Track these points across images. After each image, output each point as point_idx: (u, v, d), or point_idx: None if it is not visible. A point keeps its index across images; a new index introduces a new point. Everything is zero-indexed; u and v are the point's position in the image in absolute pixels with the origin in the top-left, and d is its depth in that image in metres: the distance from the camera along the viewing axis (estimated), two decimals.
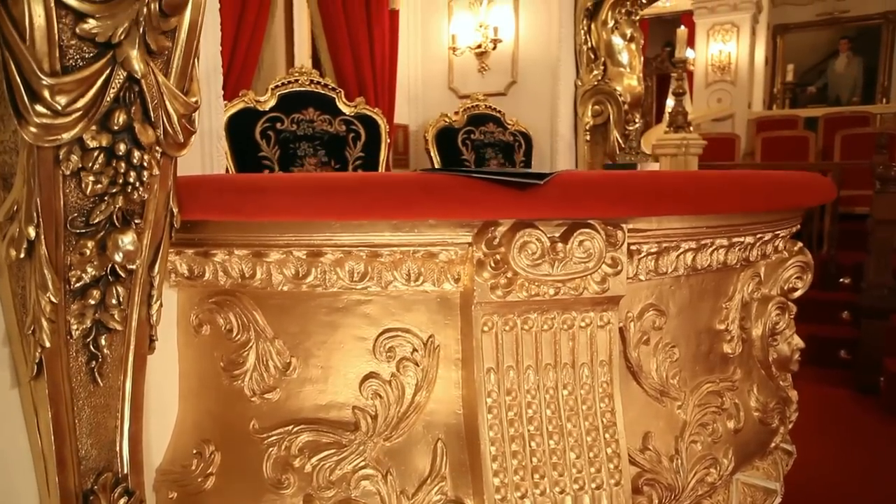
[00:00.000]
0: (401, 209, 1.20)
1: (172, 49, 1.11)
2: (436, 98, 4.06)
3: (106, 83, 1.01)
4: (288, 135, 2.41)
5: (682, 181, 1.30)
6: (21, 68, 0.93)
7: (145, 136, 1.07)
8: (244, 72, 2.69)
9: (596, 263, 1.28)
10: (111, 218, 1.10)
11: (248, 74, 2.71)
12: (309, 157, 2.44)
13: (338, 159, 2.49)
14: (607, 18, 3.60)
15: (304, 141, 2.43)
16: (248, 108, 2.38)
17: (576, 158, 3.83)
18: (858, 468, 3.31)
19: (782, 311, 1.83)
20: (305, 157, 2.43)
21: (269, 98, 2.44)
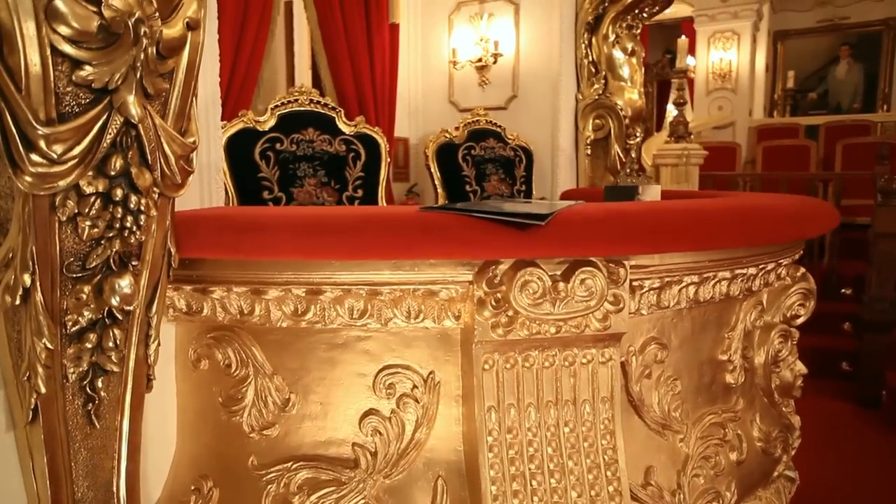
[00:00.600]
0: (401, 250, 1.19)
1: (170, 90, 1.10)
2: (436, 111, 4.04)
3: (102, 129, 1.00)
4: (287, 155, 2.40)
5: (684, 217, 1.29)
6: (16, 118, 0.92)
7: (142, 179, 1.06)
8: (244, 90, 2.68)
9: (598, 302, 1.27)
10: (108, 261, 1.09)
11: (247, 92, 2.70)
12: (309, 177, 2.42)
13: (338, 179, 2.48)
14: (608, 32, 3.59)
15: (304, 161, 2.42)
16: (247, 129, 2.37)
17: (577, 173, 3.82)
18: (860, 483, 3.29)
19: (785, 338, 1.81)
20: (305, 177, 2.42)
21: (269, 118, 2.43)
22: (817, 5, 10.16)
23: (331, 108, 2.54)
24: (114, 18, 0.95)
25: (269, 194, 2.36)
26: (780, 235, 1.47)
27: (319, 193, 2.44)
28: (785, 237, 1.51)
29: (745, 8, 7.64)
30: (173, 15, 1.06)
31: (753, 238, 1.39)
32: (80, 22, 0.94)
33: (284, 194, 2.38)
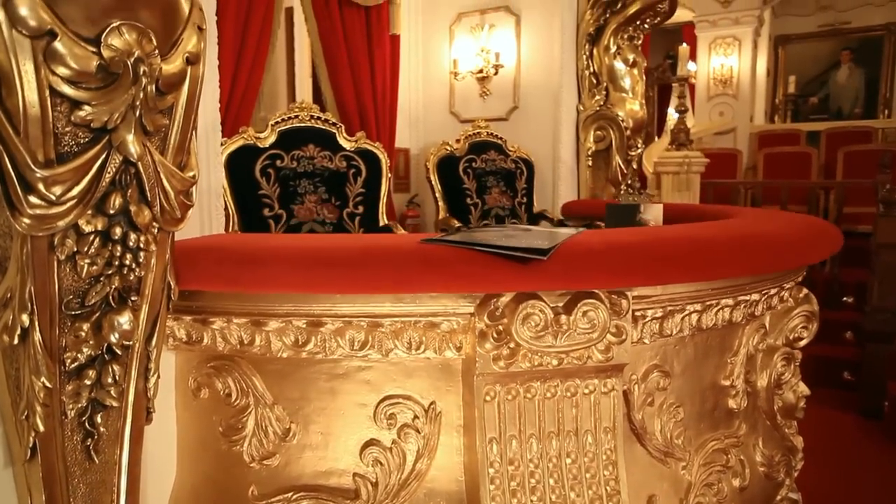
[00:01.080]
0: (402, 284, 1.18)
1: (169, 126, 1.09)
2: (437, 122, 4.04)
3: (102, 168, 0.99)
4: (288, 172, 2.39)
5: (686, 247, 1.28)
6: (14, 161, 0.91)
7: (141, 217, 1.05)
8: (244, 103, 2.67)
9: (600, 334, 1.26)
10: (107, 298, 1.08)
11: (248, 106, 2.69)
12: (309, 194, 2.42)
13: (338, 196, 2.47)
14: (609, 44, 3.58)
15: (305, 178, 2.41)
16: (247, 146, 2.36)
17: (578, 184, 3.81)
18: (861, 496, 3.28)
19: (788, 362, 1.81)
20: (305, 194, 2.41)
21: (269, 134, 2.42)
22: (818, 10, 10.15)
23: (331, 124, 2.53)
24: (113, 59, 0.95)
25: (269, 211, 2.35)
26: (783, 263, 1.46)
27: (320, 210, 2.43)
28: (788, 265, 1.50)
29: (746, 14, 7.63)
30: (173, 51, 1.06)
31: (756, 267, 1.38)
32: (79, 62, 0.93)
33: (285, 211, 2.37)
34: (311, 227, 2.40)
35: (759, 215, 1.98)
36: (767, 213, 2.04)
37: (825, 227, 1.75)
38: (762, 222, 1.70)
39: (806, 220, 1.79)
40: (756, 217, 1.92)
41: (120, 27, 0.96)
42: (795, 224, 1.70)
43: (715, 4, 7.74)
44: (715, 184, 5.60)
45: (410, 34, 3.90)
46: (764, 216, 1.95)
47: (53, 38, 0.90)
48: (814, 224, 1.75)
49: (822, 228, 1.71)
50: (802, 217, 1.89)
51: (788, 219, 1.84)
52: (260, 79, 2.73)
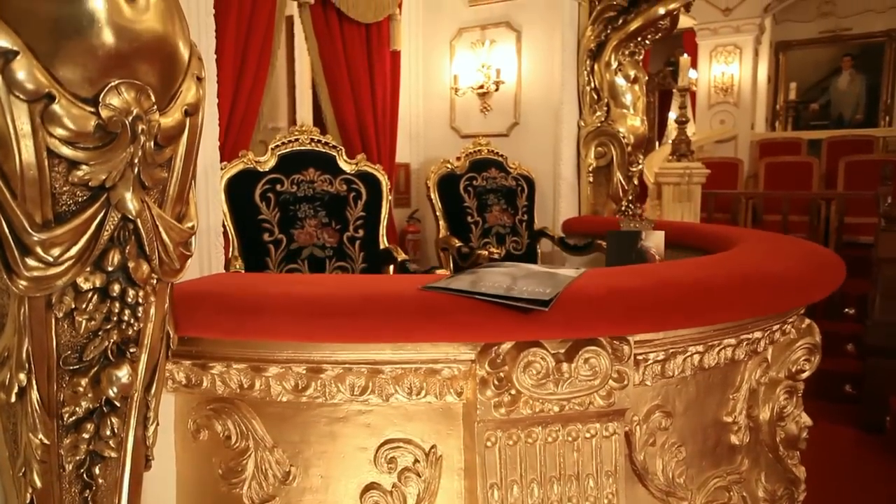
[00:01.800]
0: (402, 334, 1.17)
1: (168, 178, 1.08)
2: (437, 137, 4.03)
3: (100, 226, 0.98)
4: (288, 196, 2.38)
5: (689, 293, 1.27)
6: (11, 224, 0.90)
7: (140, 272, 1.05)
8: (244, 125, 2.66)
9: (602, 381, 1.26)
10: (105, 352, 1.07)
11: (248, 127, 2.68)
12: (309, 218, 2.41)
13: (338, 220, 2.46)
14: (611, 60, 3.58)
15: (305, 202, 2.40)
16: (247, 170, 2.35)
17: (579, 200, 3.80)
18: None
19: (790, 395, 1.79)
20: (306, 218, 2.40)
21: (269, 158, 2.41)
22: (819, 16, 10.14)
23: (331, 147, 2.52)
24: (111, 118, 0.94)
25: (269, 236, 2.34)
26: (786, 304, 1.46)
27: (320, 234, 2.42)
28: (791, 305, 1.49)
29: (747, 22, 7.62)
30: (171, 104, 1.05)
31: (759, 310, 1.38)
32: (77, 123, 0.92)
33: (285, 236, 2.37)
34: (311, 251, 2.40)
35: (761, 244, 1.97)
36: (769, 241, 2.03)
37: (828, 260, 1.74)
38: (764, 257, 1.69)
39: (809, 253, 1.78)
40: (758, 247, 1.91)
41: (118, 86, 0.95)
42: (798, 258, 1.69)
43: (716, 12, 7.73)
44: (716, 194, 5.59)
45: (411, 49, 3.89)
46: (766, 245, 1.94)
47: (51, 101, 0.89)
48: (817, 257, 1.74)
49: (825, 262, 1.70)
50: (805, 248, 1.88)
51: (791, 250, 1.83)
52: (260, 99, 2.72)
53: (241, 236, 2.31)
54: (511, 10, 3.67)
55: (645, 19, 3.42)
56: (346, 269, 2.46)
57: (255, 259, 2.32)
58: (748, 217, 6.01)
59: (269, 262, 2.34)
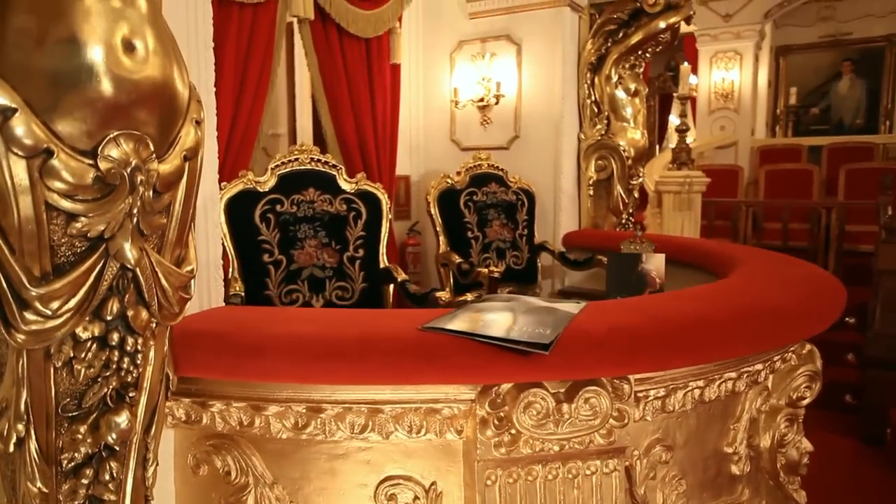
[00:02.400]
0: (402, 377, 1.17)
1: (167, 223, 1.08)
2: (438, 149, 4.02)
3: (99, 276, 0.98)
4: (288, 217, 2.38)
5: (689, 332, 1.27)
6: (10, 280, 0.90)
7: (139, 320, 1.04)
8: (243, 145, 2.65)
9: (602, 421, 1.25)
10: (104, 398, 1.07)
11: (247, 146, 2.68)
12: (309, 238, 2.40)
13: (338, 240, 2.46)
14: (611, 73, 3.57)
15: (305, 222, 2.40)
16: (247, 190, 2.35)
17: (579, 213, 3.80)
18: None
19: (791, 422, 1.79)
20: (306, 238, 2.40)
21: (269, 178, 2.41)
22: (819, 20, 10.14)
23: (331, 166, 2.52)
24: (110, 170, 0.94)
25: (269, 257, 2.34)
26: (788, 339, 1.45)
27: (320, 255, 2.42)
28: (793, 339, 1.49)
29: (747, 28, 7.61)
30: (170, 151, 1.05)
31: (760, 346, 1.37)
32: (76, 177, 0.92)
33: (285, 256, 2.36)
34: (311, 271, 2.39)
35: (761, 269, 1.97)
36: (769, 265, 2.03)
37: (829, 287, 1.74)
38: (764, 286, 1.69)
39: (809, 280, 1.77)
40: (758, 273, 1.91)
41: (117, 138, 0.95)
42: (799, 286, 1.69)
43: (716, 18, 7.72)
44: (716, 203, 5.58)
45: (411, 61, 3.89)
46: (765, 271, 1.94)
47: (50, 156, 0.89)
48: (818, 285, 1.73)
49: (826, 291, 1.70)
50: (804, 273, 1.88)
51: (791, 276, 1.82)
52: (259, 118, 2.71)
53: (240, 257, 2.31)
54: (511, 24, 3.66)
55: (646, 33, 3.42)
56: (346, 289, 2.45)
57: (255, 280, 2.32)
58: (748, 225, 6.00)
59: (269, 283, 2.33)
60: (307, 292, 2.40)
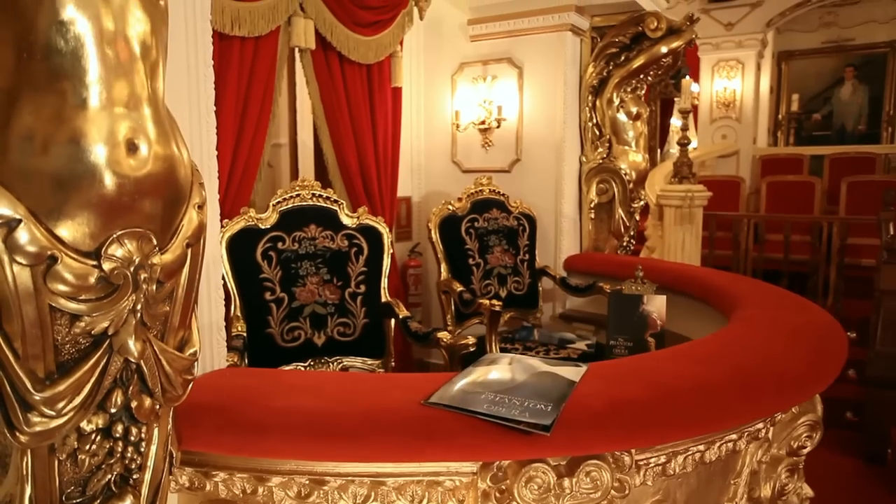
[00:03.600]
0: (405, 455, 1.18)
1: (171, 311, 1.08)
2: (439, 171, 4.02)
3: (103, 372, 0.98)
4: (290, 254, 2.38)
5: (692, 405, 1.27)
6: (14, 386, 0.90)
7: (143, 409, 1.05)
8: (244, 181, 2.65)
9: (603, 494, 1.26)
10: (108, 484, 1.08)
11: (248, 181, 2.67)
12: (311, 275, 2.41)
13: (340, 276, 2.46)
14: (613, 97, 3.57)
15: (306, 259, 2.40)
16: (248, 227, 2.35)
17: (580, 236, 3.80)
18: None
19: (792, 472, 1.79)
20: (307, 276, 2.40)
21: (271, 214, 2.40)
22: (822, 26, 10.12)
23: (333, 202, 2.52)
24: (113, 271, 0.94)
25: (270, 295, 2.34)
26: (792, 401, 1.46)
27: (322, 291, 2.42)
28: (797, 401, 1.49)
29: (749, 37, 7.60)
30: (173, 240, 1.05)
31: (764, 412, 1.38)
32: (80, 279, 0.92)
33: (286, 294, 2.37)
34: (312, 308, 2.40)
35: (765, 317, 1.97)
36: (774, 311, 2.03)
37: (834, 339, 1.74)
38: (769, 340, 1.69)
39: (815, 331, 1.78)
40: (762, 323, 1.91)
41: (120, 237, 0.95)
42: (804, 340, 1.69)
43: (718, 27, 7.70)
44: (717, 216, 5.58)
45: (412, 83, 3.88)
46: (770, 319, 1.94)
47: (54, 262, 0.90)
48: (823, 336, 1.74)
49: (831, 344, 1.70)
50: (810, 323, 1.88)
51: (797, 326, 1.83)
52: (260, 152, 2.71)
53: (242, 296, 2.31)
54: (513, 47, 3.66)
55: (648, 57, 3.41)
56: (347, 325, 2.46)
57: (257, 318, 2.32)
58: (750, 237, 6.00)
59: (271, 321, 2.34)
60: (309, 329, 2.40)
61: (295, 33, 2.84)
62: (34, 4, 0.87)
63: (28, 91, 0.88)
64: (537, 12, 3.48)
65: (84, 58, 0.89)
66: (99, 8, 0.91)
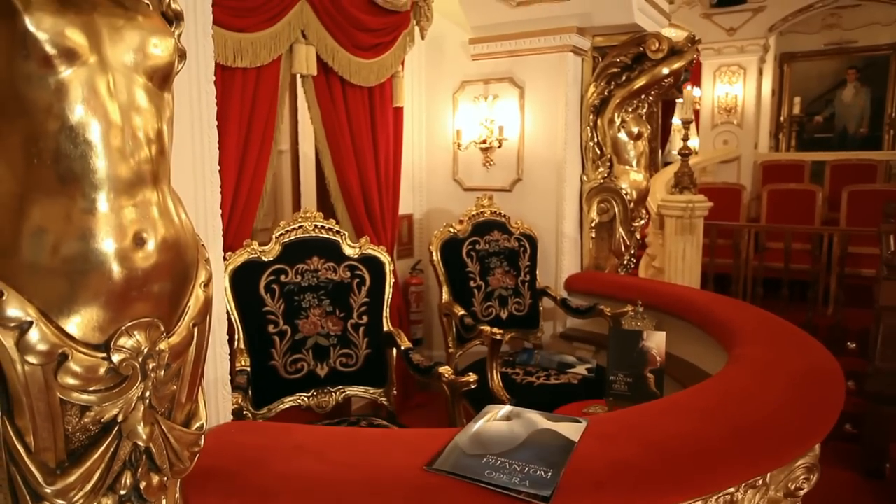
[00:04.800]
0: None
1: (178, 388, 1.10)
2: (440, 188, 4.03)
3: (113, 457, 1.00)
4: (293, 287, 2.40)
5: (691, 467, 1.29)
6: (26, 479, 0.93)
7: (151, 488, 1.07)
8: (246, 211, 2.67)
9: None
10: None
11: (250, 212, 2.69)
12: (314, 307, 2.43)
13: (342, 307, 2.48)
14: (614, 117, 3.57)
15: (309, 291, 2.42)
16: (252, 260, 2.37)
17: (581, 254, 3.81)
18: None
19: None
20: (310, 308, 2.42)
21: (273, 246, 2.42)
22: (825, 28, 10.09)
23: (335, 232, 2.53)
24: (122, 362, 0.96)
25: (274, 328, 2.37)
26: (793, 454, 1.48)
27: (324, 323, 2.44)
28: (797, 454, 1.51)
29: (751, 42, 7.59)
30: (179, 323, 1.07)
31: (764, 468, 1.40)
32: (89, 371, 0.94)
33: (289, 327, 2.39)
34: (315, 340, 2.42)
35: (765, 358, 1.99)
36: (774, 350, 2.05)
37: (833, 384, 1.76)
38: (770, 388, 1.71)
39: (816, 375, 1.80)
40: (762, 366, 1.93)
41: (129, 329, 0.97)
42: (805, 388, 1.71)
43: (720, 32, 7.69)
44: (718, 226, 5.60)
45: (414, 100, 3.88)
46: (770, 362, 1.96)
47: (65, 359, 0.92)
48: (823, 380, 1.76)
49: (830, 389, 1.72)
50: (811, 368, 1.90)
51: (798, 371, 1.85)
52: (263, 181, 2.72)
53: (246, 329, 2.33)
54: (514, 66, 3.66)
55: (649, 78, 3.41)
56: (350, 355, 2.48)
57: (260, 350, 2.34)
58: (751, 246, 6.02)
59: (274, 353, 2.36)
60: (312, 361, 2.43)
61: (297, 60, 2.84)
62: (44, 111, 0.88)
63: (38, 195, 0.90)
64: (539, 33, 3.48)
65: (92, 160, 0.91)
66: (106, 108, 0.93)
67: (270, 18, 2.64)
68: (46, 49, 0.87)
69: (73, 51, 0.90)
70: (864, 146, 9.46)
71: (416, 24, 3.49)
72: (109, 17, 0.97)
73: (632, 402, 2.20)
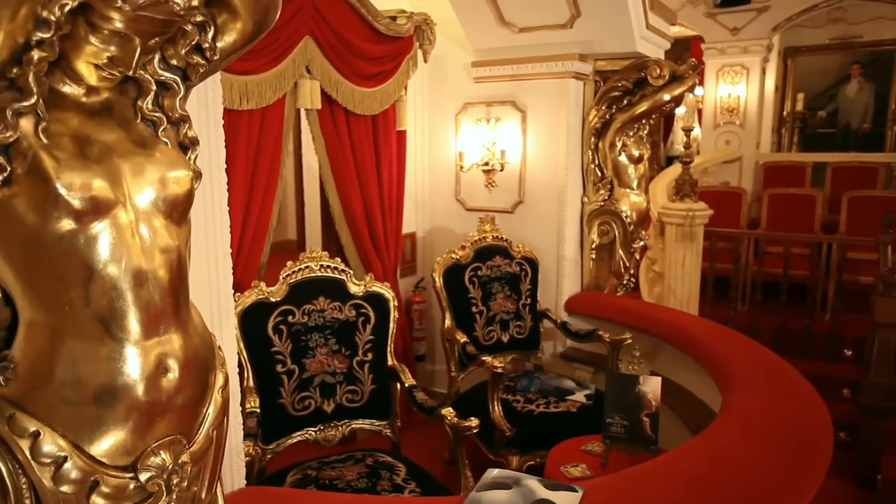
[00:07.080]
0: None
1: (199, 488, 1.18)
2: (443, 208, 4.08)
3: None
4: (300, 327, 2.47)
5: None
6: None
7: None
8: (254, 247, 2.73)
9: None
10: None
11: (258, 248, 2.76)
12: (320, 346, 2.50)
13: (348, 345, 2.55)
14: (615, 140, 3.61)
15: (316, 331, 2.49)
16: (260, 301, 2.44)
17: (581, 275, 3.87)
18: None
19: None
20: (317, 347, 2.49)
21: (281, 286, 2.49)
22: (830, 22, 10.01)
23: (340, 271, 2.60)
24: (149, 480, 1.03)
25: (282, 367, 2.44)
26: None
27: (330, 362, 2.52)
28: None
29: (755, 42, 7.55)
30: (199, 432, 1.14)
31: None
32: (118, 491, 1.02)
33: (297, 366, 2.46)
34: (322, 378, 2.50)
35: (759, 410, 2.06)
36: (768, 398, 2.12)
37: (823, 435, 1.84)
38: (763, 447, 1.78)
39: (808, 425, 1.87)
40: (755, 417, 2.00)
41: (154, 449, 1.04)
42: (797, 444, 1.79)
43: (724, 32, 7.64)
44: (718, 232, 5.64)
45: (416, 122, 3.92)
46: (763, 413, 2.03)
47: (97, 485, 0.99)
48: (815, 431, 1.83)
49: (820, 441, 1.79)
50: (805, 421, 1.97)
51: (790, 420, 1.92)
52: (269, 218, 2.78)
53: (255, 369, 2.41)
54: (516, 90, 3.69)
55: (651, 104, 3.44)
56: (356, 391, 2.56)
57: (269, 389, 2.43)
58: (750, 251, 6.07)
59: (283, 392, 2.44)
60: (319, 398, 2.51)
61: (301, 95, 2.88)
62: (75, 263, 0.94)
63: (70, 337, 0.96)
64: (541, 59, 3.51)
65: (119, 305, 0.97)
66: (131, 253, 0.99)
67: (275, 58, 2.67)
68: (76, 206, 0.93)
69: (100, 201, 0.95)
70: (866, 142, 9.45)
71: (419, 47, 3.52)
72: (130, 157, 1.03)
73: (627, 444, 2.28)
